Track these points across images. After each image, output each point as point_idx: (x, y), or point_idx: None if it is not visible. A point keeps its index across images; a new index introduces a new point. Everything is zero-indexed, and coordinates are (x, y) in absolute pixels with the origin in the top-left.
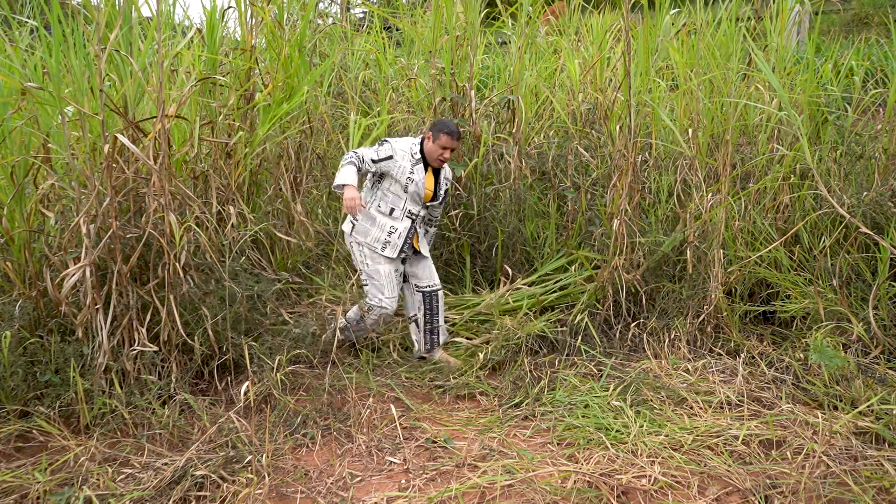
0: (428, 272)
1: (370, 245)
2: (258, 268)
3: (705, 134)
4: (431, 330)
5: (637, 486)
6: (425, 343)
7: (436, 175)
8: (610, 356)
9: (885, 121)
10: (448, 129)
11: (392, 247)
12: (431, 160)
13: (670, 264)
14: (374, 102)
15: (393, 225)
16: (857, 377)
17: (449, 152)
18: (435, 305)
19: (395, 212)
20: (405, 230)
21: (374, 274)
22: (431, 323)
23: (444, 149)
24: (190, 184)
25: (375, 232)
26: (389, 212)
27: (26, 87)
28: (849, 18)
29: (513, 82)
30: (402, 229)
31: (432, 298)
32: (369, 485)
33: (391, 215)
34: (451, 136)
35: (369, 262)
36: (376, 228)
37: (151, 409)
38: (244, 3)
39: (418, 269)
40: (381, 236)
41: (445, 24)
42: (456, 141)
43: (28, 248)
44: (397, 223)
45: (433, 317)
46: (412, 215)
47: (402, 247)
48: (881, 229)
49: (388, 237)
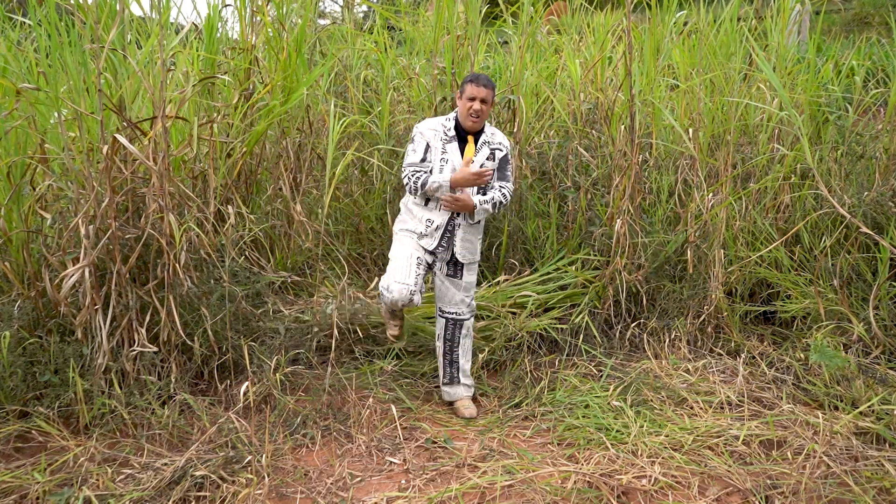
0: (456, 296)
1: (406, 232)
2: (257, 267)
3: (706, 134)
4: (451, 362)
5: (637, 486)
6: (444, 375)
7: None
8: (610, 356)
9: (886, 121)
10: (470, 77)
11: (430, 239)
12: (466, 124)
13: (671, 264)
14: (375, 102)
15: (430, 218)
16: (857, 377)
17: (479, 102)
18: (457, 337)
19: (430, 201)
20: (443, 223)
21: (393, 256)
22: (451, 355)
23: (472, 100)
24: (189, 184)
25: (413, 223)
26: (425, 202)
27: (21, 87)
28: (849, 18)
29: (514, 82)
30: (439, 221)
31: (455, 329)
32: (369, 485)
33: (426, 206)
34: (474, 82)
35: (395, 243)
36: (414, 221)
37: (151, 409)
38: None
39: (447, 287)
40: (419, 228)
41: (446, 24)
42: (482, 87)
43: (26, 248)
44: (434, 215)
45: (453, 348)
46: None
47: (440, 240)
48: (882, 229)
49: (425, 230)
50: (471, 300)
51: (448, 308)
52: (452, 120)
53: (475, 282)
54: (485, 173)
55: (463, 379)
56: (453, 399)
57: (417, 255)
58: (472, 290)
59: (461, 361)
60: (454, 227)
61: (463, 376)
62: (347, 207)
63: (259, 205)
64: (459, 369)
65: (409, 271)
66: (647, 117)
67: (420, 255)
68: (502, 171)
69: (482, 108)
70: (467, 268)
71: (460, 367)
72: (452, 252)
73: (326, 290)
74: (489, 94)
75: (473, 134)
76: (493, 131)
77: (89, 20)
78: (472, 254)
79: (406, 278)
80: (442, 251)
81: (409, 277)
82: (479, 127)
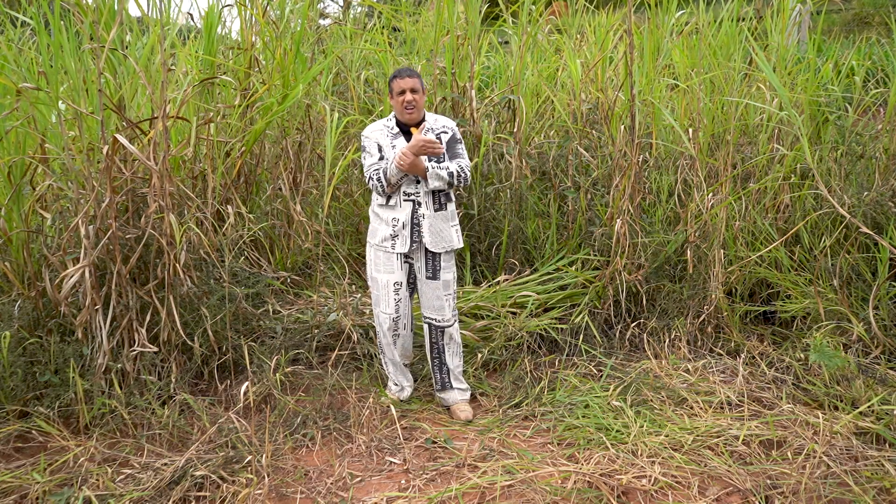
0: (436, 302)
1: (380, 246)
2: (257, 267)
3: (706, 133)
4: (440, 367)
5: (637, 486)
6: (436, 381)
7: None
8: (610, 356)
9: (886, 121)
10: (393, 74)
11: (402, 240)
12: (403, 117)
13: (671, 264)
14: (377, 103)
15: (394, 216)
16: (857, 377)
17: (409, 93)
18: (441, 343)
19: (391, 199)
20: (408, 218)
21: (373, 282)
22: (438, 359)
23: (402, 93)
24: (189, 184)
25: (382, 229)
26: (386, 201)
27: (22, 87)
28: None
29: (514, 82)
30: (404, 218)
31: (438, 335)
32: (369, 485)
33: (389, 204)
34: (398, 76)
35: (372, 266)
36: (382, 225)
37: (151, 409)
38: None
39: (427, 291)
40: (388, 232)
41: (446, 24)
42: (407, 78)
43: (26, 248)
44: (398, 212)
45: (440, 353)
46: (410, 197)
47: (411, 237)
48: (881, 229)
49: (393, 230)
50: (451, 301)
51: (429, 313)
52: (393, 120)
53: (453, 279)
54: (435, 142)
55: (455, 383)
56: (449, 404)
57: (395, 282)
58: (451, 289)
59: (451, 365)
60: (420, 219)
61: (455, 381)
62: (347, 207)
63: (259, 205)
64: (450, 373)
65: (390, 301)
66: (647, 117)
67: (397, 280)
68: (452, 151)
69: (413, 97)
70: (444, 259)
71: (451, 371)
72: (424, 245)
73: (326, 291)
74: (416, 83)
75: (416, 125)
76: (436, 117)
77: (88, 20)
78: (445, 241)
79: (386, 308)
80: (415, 247)
81: (389, 307)
82: (417, 117)
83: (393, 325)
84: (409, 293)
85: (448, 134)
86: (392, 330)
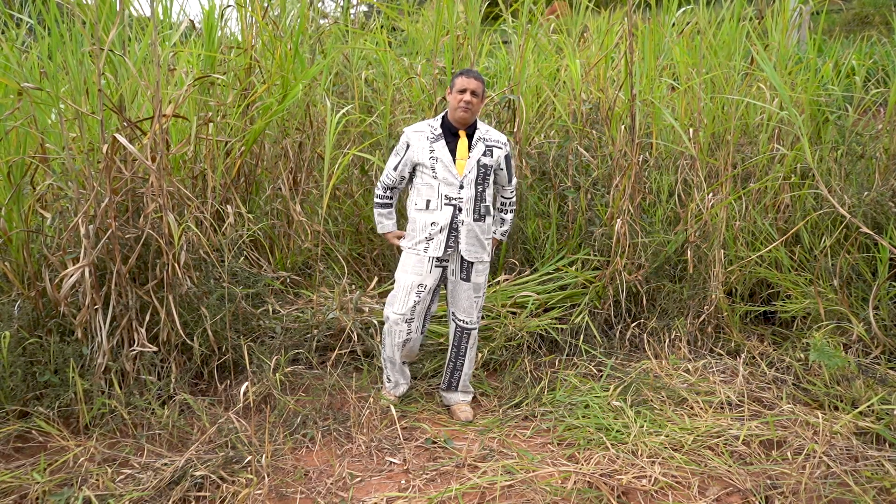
0: (466, 302)
1: (413, 249)
2: (256, 267)
3: (706, 133)
4: (454, 370)
5: (637, 486)
6: (443, 380)
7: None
8: (610, 356)
9: (886, 120)
10: (460, 71)
11: (436, 244)
12: (456, 115)
13: (671, 264)
14: (377, 103)
15: (433, 220)
16: (857, 377)
17: (470, 94)
18: (463, 345)
19: (431, 203)
20: (447, 222)
21: (397, 280)
22: (455, 362)
23: (463, 91)
24: (188, 183)
25: (418, 233)
26: (426, 205)
27: (23, 87)
28: (850, 18)
29: (514, 81)
30: (443, 222)
31: (462, 336)
32: (369, 485)
33: (428, 208)
34: (465, 74)
35: (400, 265)
36: (418, 229)
37: (151, 409)
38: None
39: (458, 292)
40: (423, 235)
41: (446, 24)
42: (473, 79)
43: (26, 248)
44: (436, 215)
45: (458, 356)
46: (452, 202)
47: (446, 242)
48: (881, 229)
49: (429, 234)
50: (480, 304)
51: (459, 314)
52: (439, 119)
53: (485, 283)
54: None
55: (461, 387)
56: (450, 403)
57: (419, 284)
58: (481, 292)
59: (464, 370)
60: (458, 226)
61: (462, 385)
62: (347, 207)
63: (258, 205)
64: (461, 378)
65: (406, 301)
66: (647, 117)
67: (423, 283)
68: (509, 171)
69: (473, 99)
70: (475, 267)
71: (462, 375)
72: (460, 252)
73: (326, 291)
74: (480, 87)
75: (466, 130)
76: (488, 128)
77: (88, 20)
78: (480, 251)
79: (401, 308)
80: (451, 252)
81: (405, 307)
82: (470, 119)
83: (406, 326)
84: (432, 298)
85: (502, 150)
86: (399, 333)
